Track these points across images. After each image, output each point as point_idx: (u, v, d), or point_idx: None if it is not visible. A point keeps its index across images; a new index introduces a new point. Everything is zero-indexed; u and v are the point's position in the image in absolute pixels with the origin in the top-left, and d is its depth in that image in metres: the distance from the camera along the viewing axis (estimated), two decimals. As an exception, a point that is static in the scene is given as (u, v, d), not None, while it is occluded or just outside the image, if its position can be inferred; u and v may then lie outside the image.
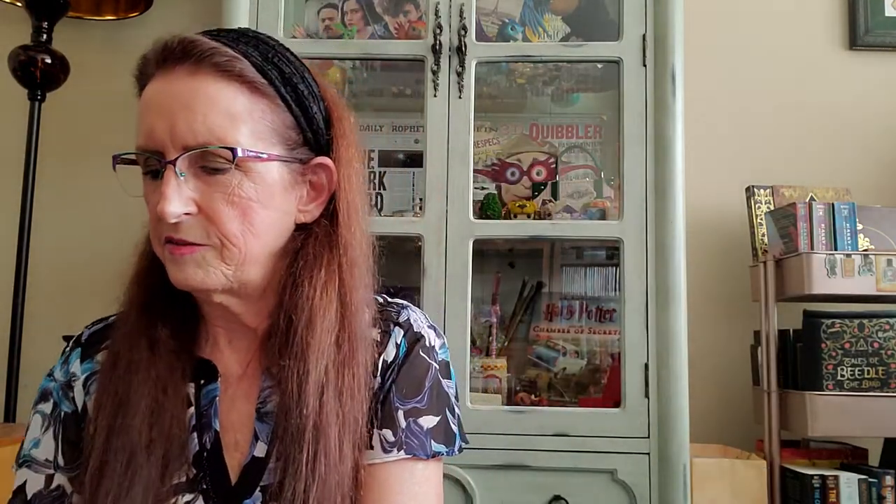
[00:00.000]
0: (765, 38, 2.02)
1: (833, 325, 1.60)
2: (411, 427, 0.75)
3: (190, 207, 0.69)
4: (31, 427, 0.78)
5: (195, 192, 0.69)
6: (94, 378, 0.77)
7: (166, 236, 0.70)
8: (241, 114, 0.70)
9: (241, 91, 0.70)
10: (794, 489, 1.60)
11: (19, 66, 1.80)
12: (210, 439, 0.75)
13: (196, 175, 0.69)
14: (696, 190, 1.77)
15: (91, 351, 0.79)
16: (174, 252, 0.70)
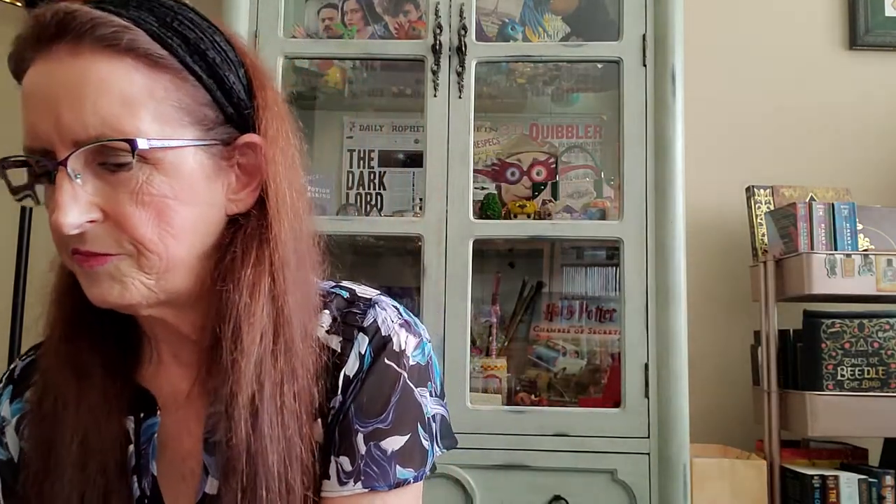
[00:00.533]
0: (765, 38, 2.02)
1: (833, 325, 1.60)
2: (372, 452, 0.63)
3: (92, 214, 0.57)
4: None
5: (96, 194, 0.57)
6: (25, 420, 0.67)
7: (72, 248, 0.58)
8: (138, 96, 0.57)
9: (136, 68, 0.57)
10: (794, 489, 1.60)
11: (19, 66, 1.80)
12: (149, 485, 0.64)
13: (95, 174, 0.57)
14: (696, 190, 1.77)
15: (21, 388, 0.69)
16: (83, 264, 0.58)
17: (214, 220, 0.62)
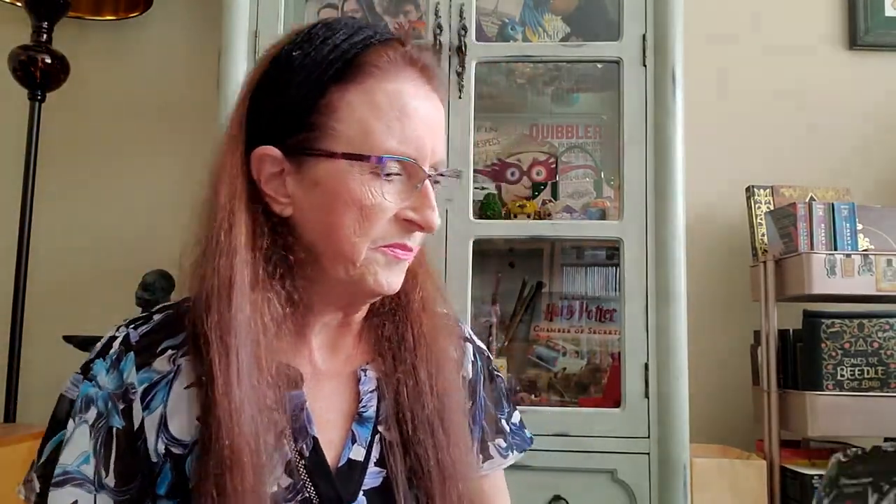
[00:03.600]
0: (765, 38, 2.02)
1: (833, 325, 1.60)
2: (512, 429, 0.86)
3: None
4: (74, 439, 0.68)
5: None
6: (154, 391, 0.69)
7: (401, 243, 0.72)
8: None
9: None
10: (793, 489, 1.60)
11: (19, 66, 1.81)
12: (308, 446, 0.71)
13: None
14: (696, 190, 1.77)
15: (147, 357, 0.70)
16: (402, 257, 0.73)
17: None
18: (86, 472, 0.67)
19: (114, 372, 0.69)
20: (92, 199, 1.99)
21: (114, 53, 2.05)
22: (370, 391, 0.76)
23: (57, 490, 0.66)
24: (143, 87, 2.02)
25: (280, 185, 0.71)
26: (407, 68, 0.72)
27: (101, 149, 2.02)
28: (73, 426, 0.68)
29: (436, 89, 0.74)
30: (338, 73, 0.69)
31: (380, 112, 0.69)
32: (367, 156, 0.68)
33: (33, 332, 1.83)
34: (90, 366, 0.71)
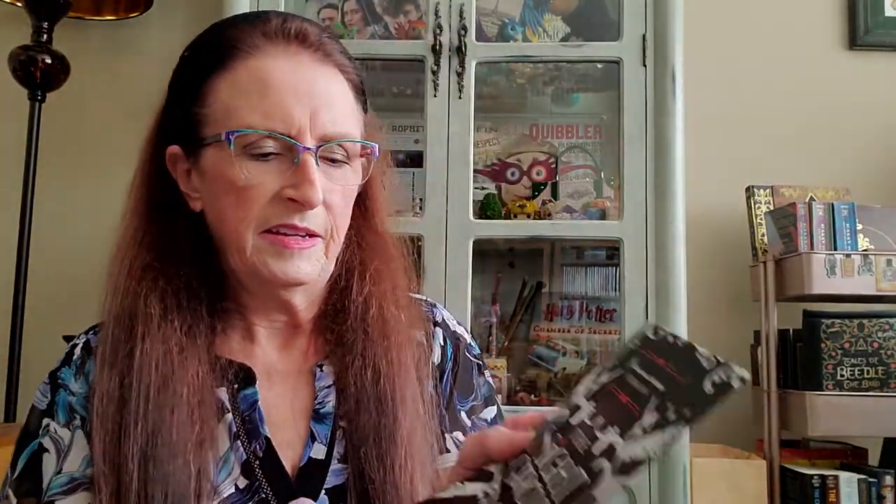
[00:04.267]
0: (765, 38, 2.02)
1: (833, 325, 1.60)
2: (476, 423, 0.77)
3: (322, 196, 0.67)
4: (76, 444, 0.68)
5: (321, 182, 0.67)
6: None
7: (285, 223, 0.67)
8: (356, 114, 0.72)
9: (355, 97, 0.72)
10: (793, 489, 1.60)
11: (19, 66, 1.80)
12: (262, 446, 0.69)
13: (320, 167, 0.68)
14: (695, 190, 1.77)
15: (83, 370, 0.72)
16: (290, 244, 0.67)
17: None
18: (90, 476, 0.67)
19: (80, 377, 0.71)
20: (92, 199, 1.99)
21: (114, 53, 2.05)
22: (326, 387, 0.72)
23: (66, 498, 0.66)
24: (144, 86, 2.01)
25: (189, 181, 0.72)
26: (273, 41, 0.68)
27: (102, 149, 2.02)
28: (70, 434, 0.68)
29: (317, 58, 0.69)
30: (209, 61, 0.70)
31: (241, 90, 0.67)
32: (220, 135, 0.67)
33: (33, 332, 1.82)
34: (57, 375, 0.72)
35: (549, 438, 0.48)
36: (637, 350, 0.50)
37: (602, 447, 0.45)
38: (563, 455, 0.46)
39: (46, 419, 0.70)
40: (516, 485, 0.47)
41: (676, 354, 0.48)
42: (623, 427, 0.46)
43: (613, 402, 0.47)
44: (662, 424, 0.44)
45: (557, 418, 0.49)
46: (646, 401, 0.46)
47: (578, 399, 0.50)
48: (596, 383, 0.50)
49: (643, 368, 0.48)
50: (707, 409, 0.44)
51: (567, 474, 0.45)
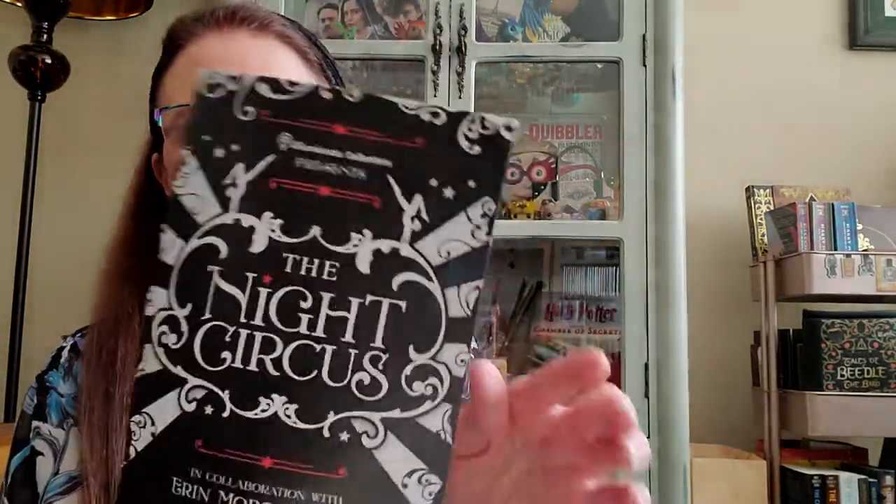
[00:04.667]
0: (765, 37, 2.02)
1: (833, 325, 1.60)
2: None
3: None
4: (71, 444, 0.67)
5: None
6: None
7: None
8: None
9: (299, 63, 0.69)
10: (794, 489, 1.59)
11: (19, 67, 1.80)
12: None
13: None
14: (695, 190, 1.77)
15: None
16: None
17: None
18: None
19: (69, 378, 0.71)
20: (92, 199, 1.98)
21: (114, 53, 2.05)
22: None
23: (64, 498, 0.66)
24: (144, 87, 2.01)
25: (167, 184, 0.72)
26: (208, 27, 0.68)
27: (102, 149, 2.02)
28: (64, 434, 0.68)
29: (252, 33, 0.68)
30: (161, 62, 0.72)
31: (177, 77, 0.68)
32: (151, 119, 0.67)
33: (33, 332, 1.82)
34: (45, 378, 0.71)
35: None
36: (268, 119, 0.36)
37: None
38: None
39: (36, 422, 0.69)
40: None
41: (368, 117, 0.36)
42: (379, 229, 0.35)
43: (310, 202, 0.35)
44: (445, 215, 0.35)
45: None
46: (378, 186, 0.35)
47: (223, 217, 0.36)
48: (236, 185, 0.36)
49: (317, 144, 0.36)
50: (493, 176, 0.36)
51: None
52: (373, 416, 0.35)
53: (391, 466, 0.35)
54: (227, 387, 0.35)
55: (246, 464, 0.34)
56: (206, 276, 0.35)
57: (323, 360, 0.35)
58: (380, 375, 0.35)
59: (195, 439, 0.35)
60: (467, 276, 0.37)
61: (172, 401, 0.35)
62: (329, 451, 0.34)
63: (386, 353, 0.35)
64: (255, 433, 0.34)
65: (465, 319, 0.36)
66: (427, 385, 0.35)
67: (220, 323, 0.35)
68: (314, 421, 0.35)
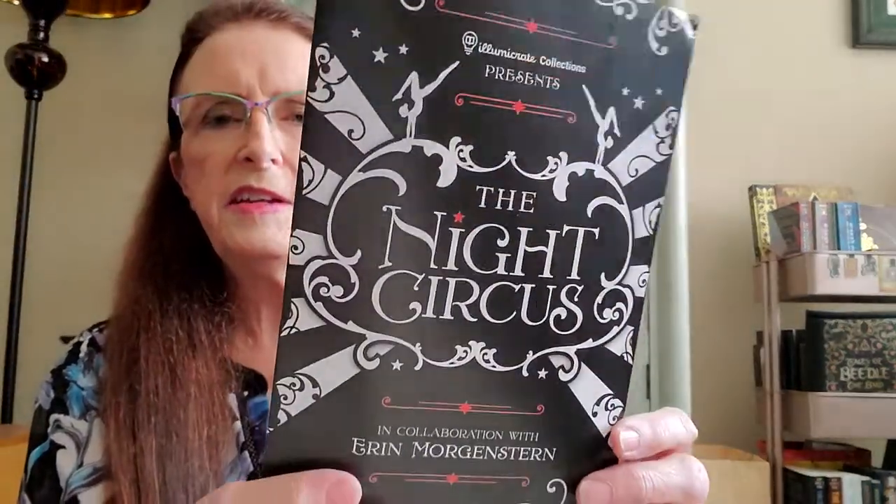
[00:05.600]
0: (767, 36, 2.01)
1: (836, 325, 1.59)
2: None
3: (277, 154, 0.62)
4: (94, 437, 0.66)
5: (280, 141, 0.63)
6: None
7: (242, 186, 0.62)
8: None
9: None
10: (796, 491, 1.59)
11: (16, 65, 1.79)
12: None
13: (279, 125, 0.64)
14: (697, 190, 1.76)
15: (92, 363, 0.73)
16: (251, 210, 0.62)
17: None
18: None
19: (89, 372, 0.69)
20: (90, 198, 1.98)
21: (111, 52, 2.04)
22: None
23: (90, 489, 0.64)
24: (141, 85, 2.00)
25: (185, 182, 0.71)
26: (226, 19, 0.68)
27: (99, 147, 2.01)
28: (87, 425, 0.67)
29: (270, 24, 0.68)
30: (179, 57, 0.71)
31: (195, 69, 0.68)
32: (170, 114, 0.66)
33: (31, 333, 1.81)
34: (63, 373, 0.70)
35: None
36: (445, 12, 0.28)
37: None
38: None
39: (55, 415, 0.68)
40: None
41: (560, 11, 0.30)
42: (577, 150, 0.31)
43: (504, 121, 0.30)
44: (634, 130, 0.32)
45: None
46: (574, 98, 0.31)
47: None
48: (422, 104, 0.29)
49: (509, 46, 0.30)
50: (677, 82, 0.33)
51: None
52: (569, 350, 0.33)
53: (584, 397, 0.34)
54: (418, 339, 0.31)
55: (443, 412, 0.32)
56: (381, 218, 0.29)
57: (522, 300, 0.32)
58: (575, 308, 0.33)
59: (382, 397, 0.31)
60: (652, 193, 0.34)
61: (345, 359, 0.31)
62: (528, 390, 0.33)
63: (581, 285, 0.32)
64: (451, 382, 0.32)
65: (648, 239, 0.34)
66: (615, 310, 0.34)
67: (404, 271, 0.30)
68: (514, 363, 0.32)
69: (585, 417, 0.34)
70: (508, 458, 0.34)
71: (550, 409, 0.33)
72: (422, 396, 0.32)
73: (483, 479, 0.34)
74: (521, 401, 0.33)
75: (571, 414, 0.34)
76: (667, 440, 0.38)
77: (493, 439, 0.33)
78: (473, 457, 0.33)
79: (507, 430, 0.33)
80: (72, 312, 1.87)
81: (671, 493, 0.38)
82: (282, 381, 0.30)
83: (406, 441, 0.32)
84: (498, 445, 0.33)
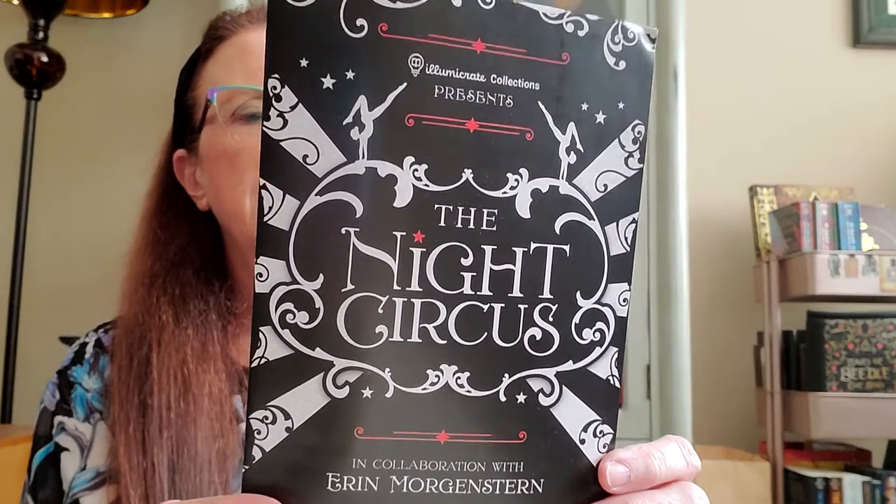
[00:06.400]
0: (768, 36, 2.01)
1: (836, 325, 1.58)
2: None
3: None
4: (98, 438, 0.66)
5: None
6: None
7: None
8: None
9: None
10: (797, 491, 1.58)
11: (16, 65, 1.79)
12: None
13: None
14: (698, 189, 1.76)
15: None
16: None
17: None
18: (116, 468, 0.66)
19: (94, 373, 0.69)
20: (89, 198, 1.97)
21: (110, 51, 2.04)
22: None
23: (93, 493, 0.64)
24: (140, 84, 2.00)
25: (194, 181, 0.71)
26: (255, 20, 0.70)
27: (98, 147, 2.00)
28: (91, 428, 0.66)
29: None
30: (199, 53, 0.71)
31: (224, 63, 0.68)
32: (207, 100, 0.66)
33: (30, 333, 1.81)
34: (68, 373, 0.70)
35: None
36: (388, 36, 0.29)
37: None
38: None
39: (59, 417, 0.68)
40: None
41: (507, 29, 0.30)
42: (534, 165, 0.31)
43: (458, 140, 0.30)
44: (599, 145, 0.32)
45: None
46: (529, 115, 0.31)
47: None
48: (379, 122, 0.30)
49: (456, 66, 0.30)
50: (640, 95, 0.33)
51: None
52: (547, 373, 0.32)
53: (568, 422, 0.33)
54: (387, 364, 0.30)
55: (419, 442, 0.31)
56: (340, 240, 0.29)
57: (492, 320, 0.31)
58: (551, 328, 0.32)
59: (354, 427, 0.30)
60: (624, 209, 0.33)
61: (314, 388, 0.30)
62: (507, 416, 0.32)
63: (555, 304, 0.32)
64: (425, 409, 0.31)
65: (625, 256, 0.33)
66: (595, 331, 0.33)
67: (368, 293, 0.30)
68: (489, 387, 0.31)
69: (573, 445, 0.33)
70: (493, 491, 0.32)
71: (533, 437, 0.32)
72: (396, 426, 0.31)
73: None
74: (501, 428, 0.32)
75: (557, 441, 0.33)
76: (661, 475, 0.37)
77: (475, 471, 0.32)
78: (456, 491, 0.32)
79: (490, 461, 0.32)
80: (71, 313, 1.87)
81: None
82: (254, 414, 0.30)
83: (383, 475, 0.31)
84: (481, 478, 0.32)
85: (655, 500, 0.36)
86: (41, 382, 0.74)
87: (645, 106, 0.32)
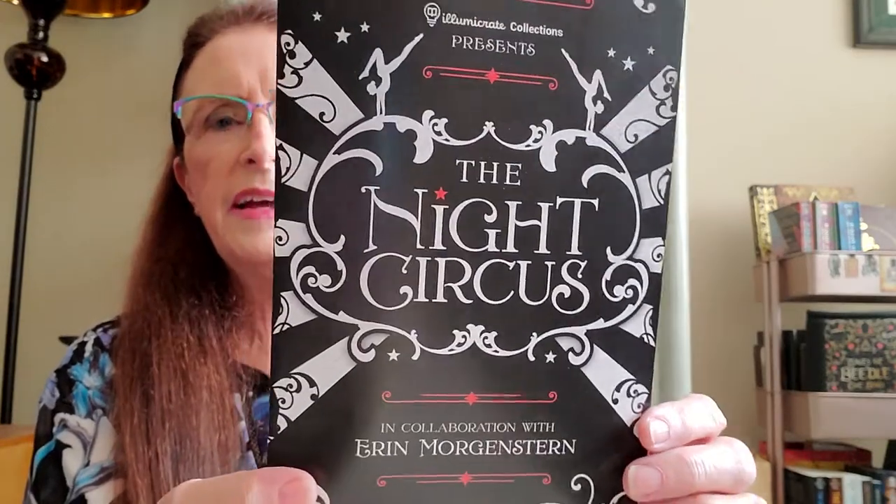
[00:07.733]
0: (768, 36, 2.01)
1: (837, 325, 1.58)
2: None
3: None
4: (101, 433, 0.66)
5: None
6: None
7: (246, 189, 0.62)
8: None
9: None
10: (797, 491, 1.58)
11: (15, 65, 1.79)
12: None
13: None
14: (698, 189, 1.76)
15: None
16: (256, 215, 0.62)
17: None
18: (119, 463, 0.67)
19: (94, 371, 0.69)
20: (89, 199, 1.97)
21: (110, 51, 2.04)
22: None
23: (97, 488, 0.64)
24: (140, 84, 2.00)
25: (188, 187, 0.72)
26: (227, 23, 0.69)
27: (98, 147, 2.00)
28: (94, 424, 0.67)
29: (270, 27, 0.68)
30: (182, 62, 0.72)
31: (198, 73, 0.69)
32: (173, 119, 0.67)
33: (30, 333, 1.81)
34: (67, 372, 0.70)
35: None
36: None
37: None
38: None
39: (61, 415, 0.68)
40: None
41: None
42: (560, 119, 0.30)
43: (478, 92, 0.29)
44: (627, 92, 0.30)
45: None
46: (553, 63, 0.30)
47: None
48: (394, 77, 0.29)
49: (474, 14, 0.29)
50: (672, 40, 0.31)
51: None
52: (577, 331, 0.31)
53: (600, 382, 0.32)
54: (413, 326, 0.30)
55: (448, 405, 0.30)
56: (360, 199, 0.29)
57: (518, 277, 0.30)
58: (580, 285, 0.31)
59: (381, 391, 0.30)
60: (657, 160, 0.32)
61: (339, 353, 0.29)
62: (536, 375, 0.31)
63: (584, 260, 0.31)
64: (453, 371, 0.30)
65: (658, 209, 0.32)
66: (627, 287, 0.33)
67: (390, 254, 0.29)
68: (517, 346, 0.31)
69: (605, 405, 0.33)
70: (524, 452, 0.32)
71: (564, 397, 0.32)
72: (423, 388, 0.30)
73: (499, 478, 0.32)
74: (530, 388, 0.31)
75: (589, 401, 0.32)
76: (697, 431, 0.36)
77: (505, 432, 0.31)
78: (486, 453, 0.31)
79: (520, 422, 0.31)
80: (71, 312, 1.87)
81: (723, 480, 0.36)
82: (279, 383, 0.29)
83: (412, 439, 0.31)
84: (512, 439, 0.31)
85: (710, 454, 0.36)
86: (41, 382, 0.74)
87: (677, 50, 0.31)
